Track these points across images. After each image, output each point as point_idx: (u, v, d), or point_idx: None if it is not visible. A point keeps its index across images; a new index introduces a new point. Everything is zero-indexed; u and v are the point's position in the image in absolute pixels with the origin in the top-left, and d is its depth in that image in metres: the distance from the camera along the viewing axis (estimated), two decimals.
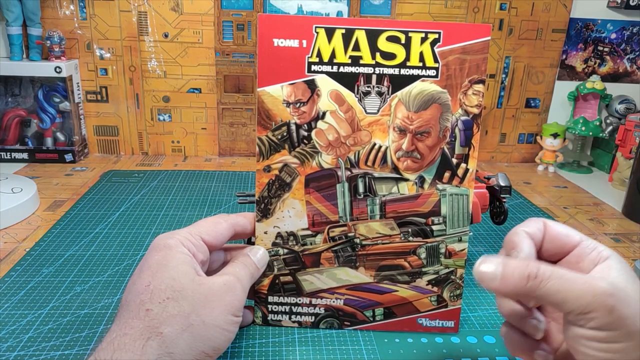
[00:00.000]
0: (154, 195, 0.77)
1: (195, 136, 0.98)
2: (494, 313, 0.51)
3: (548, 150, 0.99)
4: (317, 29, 0.42)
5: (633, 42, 0.99)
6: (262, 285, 0.46)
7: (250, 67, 0.94)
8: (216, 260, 0.45)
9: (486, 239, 0.67)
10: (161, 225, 0.67)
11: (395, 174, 0.44)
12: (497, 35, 0.96)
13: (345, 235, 0.45)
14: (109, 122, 0.96)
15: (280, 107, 0.43)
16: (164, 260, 0.37)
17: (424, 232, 0.45)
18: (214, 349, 0.36)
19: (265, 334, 0.47)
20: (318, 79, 0.43)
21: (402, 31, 0.42)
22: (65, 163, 0.91)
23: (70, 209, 0.71)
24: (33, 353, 0.42)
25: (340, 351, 0.44)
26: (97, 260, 0.58)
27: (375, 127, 0.44)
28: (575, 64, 1.01)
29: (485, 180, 0.57)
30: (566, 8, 0.96)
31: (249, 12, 0.91)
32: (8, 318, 0.46)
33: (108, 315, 0.48)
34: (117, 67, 0.93)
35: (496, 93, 1.00)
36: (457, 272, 0.46)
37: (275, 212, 0.45)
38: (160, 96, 0.95)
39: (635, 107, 0.99)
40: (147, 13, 0.90)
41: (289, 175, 0.45)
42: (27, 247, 0.60)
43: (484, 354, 0.45)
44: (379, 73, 0.43)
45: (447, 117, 0.43)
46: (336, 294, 0.47)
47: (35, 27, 0.87)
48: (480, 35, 0.42)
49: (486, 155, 1.05)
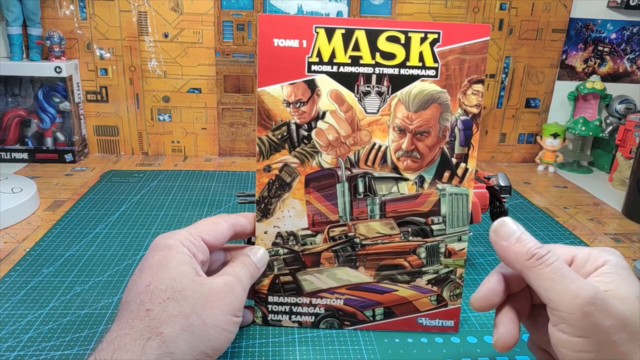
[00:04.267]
0: (154, 195, 0.77)
1: (195, 136, 0.98)
2: (494, 313, 0.51)
3: (548, 150, 0.99)
4: (317, 29, 0.42)
5: (633, 42, 0.99)
6: (262, 285, 0.46)
7: (250, 67, 0.94)
8: (216, 260, 0.45)
9: (486, 239, 0.67)
10: (161, 225, 0.67)
11: (395, 173, 0.45)
12: (497, 35, 0.96)
13: (345, 235, 0.45)
14: (109, 122, 0.96)
15: (280, 107, 0.43)
16: (164, 260, 0.37)
17: (424, 231, 0.45)
18: (214, 349, 0.36)
19: (265, 334, 0.47)
20: (318, 79, 0.43)
21: (402, 31, 0.42)
22: (65, 163, 0.91)
23: (70, 209, 0.71)
24: (33, 353, 0.42)
25: (340, 351, 0.44)
26: (97, 260, 0.58)
27: (375, 126, 0.44)
28: (575, 64, 1.01)
29: (485, 180, 0.57)
30: (566, 8, 0.96)
31: (249, 12, 0.91)
32: (8, 318, 0.47)
33: (108, 315, 0.48)
34: (117, 67, 0.93)
35: (496, 93, 1.00)
36: (457, 271, 0.46)
37: (275, 212, 0.45)
38: (160, 96, 0.95)
39: (635, 107, 0.99)
40: (147, 13, 0.90)
41: (289, 175, 0.45)
42: (27, 247, 0.60)
43: (484, 354, 0.45)
44: (379, 73, 0.43)
45: (447, 117, 0.43)
46: (336, 293, 0.47)
47: (35, 27, 0.87)
48: (480, 35, 0.42)
49: (486, 155, 1.05)
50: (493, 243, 0.36)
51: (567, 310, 0.31)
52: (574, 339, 0.31)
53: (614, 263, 0.34)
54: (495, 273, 0.38)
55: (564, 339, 0.32)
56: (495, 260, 0.62)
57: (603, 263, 0.34)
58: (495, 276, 0.38)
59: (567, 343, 0.32)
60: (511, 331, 0.36)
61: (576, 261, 0.35)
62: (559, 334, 0.32)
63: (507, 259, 0.35)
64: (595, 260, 0.34)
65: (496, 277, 0.37)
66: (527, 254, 0.33)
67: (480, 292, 0.37)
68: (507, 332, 0.36)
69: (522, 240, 0.34)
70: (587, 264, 0.35)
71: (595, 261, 0.34)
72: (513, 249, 0.34)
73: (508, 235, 0.35)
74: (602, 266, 0.34)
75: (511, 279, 0.37)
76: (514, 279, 0.37)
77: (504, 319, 0.37)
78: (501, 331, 0.36)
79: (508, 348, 0.36)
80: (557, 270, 0.32)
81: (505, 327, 0.36)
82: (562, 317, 0.31)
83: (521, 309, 0.38)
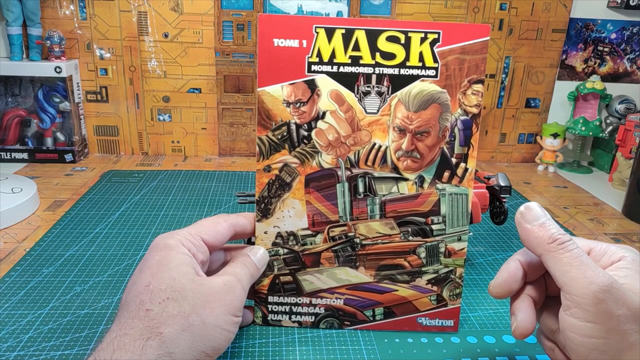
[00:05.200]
0: (154, 195, 0.77)
1: (195, 136, 0.98)
2: (494, 313, 0.51)
3: (548, 150, 0.99)
4: (317, 29, 0.42)
5: (633, 42, 0.99)
6: (262, 285, 0.46)
7: (250, 67, 0.94)
8: (216, 260, 0.45)
9: (486, 239, 0.68)
10: (161, 225, 0.67)
11: (395, 173, 0.45)
12: (497, 35, 0.96)
13: (345, 235, 0.45)
14: (109, 122, 0.96)
15: (280, 107, 0.43)
16: (164, 260, 0.37)
17: (424, 231, 0.45)
18: (214, 349, 0.36)
19: (265, 334, 0.47)
20: (318, 79, 0.43)
21: (402, 31, 0.42)
22: (65, 163, 0.91)
23: (70, 209, 0.71)
24: (33, 353, 0.42)
25: (340, 351, 0.44)
26: (97, 260, 0.58)
27: (375, 126, 0.44)
28: (575, 64, 1.01)
29: (485, 180, 0.57)
30: (566, 8, 0.96)
31: (249, 12, 0.91)
32: (8, 318, 0.47)
33: (108, 315, 0.48)
34: (117, 67, 0.93)
35: (496, 93, 1.00)
36: (457, 271, 0.46)
37: (275, 212, 0.45)
38: (160, 96, 0.95)
39: (635, 107, 0.99)
40: (147, 13, 0.90)
41: (289, 175, 0.45)
42: (27, 247, 0.60)
43: (484, 354, 0.45)
44: (379, 73, 0.43)
45: (447, 117, 0.43)
46: (336, 293, 0.47)
47: (35, 27, 0.87)
48: (480, 36, 0.42)
49: (486, 155, 1.05)
50: (518, 225, 0.36)
51: (581, 295, 0.32)
52: (584, 324, 0.32)
53: (631, 259, 0.34)
54: (513, 260, 0.38)
55: (574, 323, 0.32)
56: (496, 260, 0.62)
57: (620, 258, 0.34)
58: (514, 263, 0.38)
59: (576, 328, 0.32)
60: (529, 317, 0.36)
61: (593, 254, 0.36)
62: (569, 319, 0.33)
63: (529, 242, 0.36)
64: (612, 255, 0.35)
65: (515, 263, 0.38)
66: (549, 238, 0.34)
67: (499, 278, 0.38)
68: (526, 318, 0.36)
69: (546, 225, 0.35)
70: (603, 258, 0.35)
71: (611, 256, 0.35)
72: (536, 233, 0.35)
73: (533, 219, 0.35)
74: (618, 261, 0.34)
75: (529, 266, 0.38)
76: (531, 266, 0.38)
77: (522, 306, 0.37)
78: (520, 317, 0.36)
79: (527, 335, 0.36)
80: (577, 257, 0.33)
81: (523, 314, 0.36)
82: (576, 302, 0.32)
83: (536, 298, 0.38)
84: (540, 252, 0.35)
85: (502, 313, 0.51)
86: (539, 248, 0.35)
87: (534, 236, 0.35)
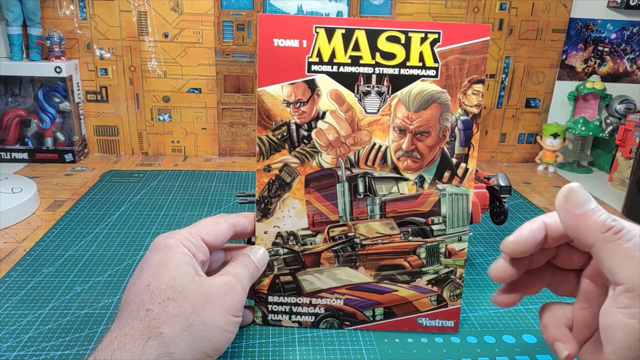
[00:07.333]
0: (154, 195, 0.77)
1: (195, 136, 0.98)
2: (494, 313, 0.51)
3: (548, 150, 0.99)
4: (317, 29, 0.42)
5: (633, 42, 0.99)
6: (262, 285, 0.46)
7: (250, 67, 0.94)
8: (216, 260, 0.45)
9: (486, 238, 0.67)
10: (161, 225, 0.67)
11: (395, 173, 0.44)
12: (497, 35, 0.96)
13: (345, 235, 0.45)
14: (109, 122, 0.96)
15: (280, 107, 0.43)
16: (164, 260, 0.37)
17: (424, 231, 0.45)
18: (214, 349, 0.36)
19: (265, 334, 0.47)
20: (318, 79, 0.43)
21: (402, 31, 0.42)
22: (65, 163, 0.91)
23: (70, 209, 0.71)
24: (33, 353, 0.42)
25: (340, 351, 0.44)
26: (97, 260, 0.58)
27: (375, 126, 0.44)
28: (575, 64, 1.01)
29: (485, 180, 0.57)
30: (566, 8, 0.96)
31: (249, 12, 0.91)
32: (8, 318, 0.46)
33: (108, 315, 0.48)
34: (117, 67, 0.93)
35: (496, 93, 1.00)
36: (457, 271, 0.46)
37: (275, 212, 0.45)
38: (160, 96, 0.95)
39: (635, 107, 0.99)
40: (147, 13, 0.90)
41: (289, 175, 0.45)
42: (27, 247, 0.60)
43: (484, 354, 0.45)
44: (379, 73, 0.43)
45: (447, 117, 0.43)
46: (336, 293, 0.47)
47: (35, 27, 0.87)
48: (480, 35, 0.42)
49: (486, 155, 1.05)
50: (562, 210, 0.31)
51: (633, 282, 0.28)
52: None
53: None
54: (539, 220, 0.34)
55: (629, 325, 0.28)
56: None
57: None
58: (539, 223, 0.34)
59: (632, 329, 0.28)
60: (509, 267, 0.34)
61: None
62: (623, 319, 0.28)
63: (578, 230, 0.31)
64: None
65: (539, 224, 0.34)
66: (603, 225, 0.29)
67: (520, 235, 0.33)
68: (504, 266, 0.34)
69: (597, 211, 0.30)
70: None
71: None
72: (587, 219, 0.30)
73: (581, 204, 0.30)
74: None
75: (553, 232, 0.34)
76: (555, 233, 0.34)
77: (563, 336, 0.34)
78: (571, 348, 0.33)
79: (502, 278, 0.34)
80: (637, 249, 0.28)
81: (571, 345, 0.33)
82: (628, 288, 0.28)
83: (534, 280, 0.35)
84: (592, 242, 0.30)
85: (502, 313, 0.51)
86: (591, 237, 0.30)
87: (584, 224, 0.30)
